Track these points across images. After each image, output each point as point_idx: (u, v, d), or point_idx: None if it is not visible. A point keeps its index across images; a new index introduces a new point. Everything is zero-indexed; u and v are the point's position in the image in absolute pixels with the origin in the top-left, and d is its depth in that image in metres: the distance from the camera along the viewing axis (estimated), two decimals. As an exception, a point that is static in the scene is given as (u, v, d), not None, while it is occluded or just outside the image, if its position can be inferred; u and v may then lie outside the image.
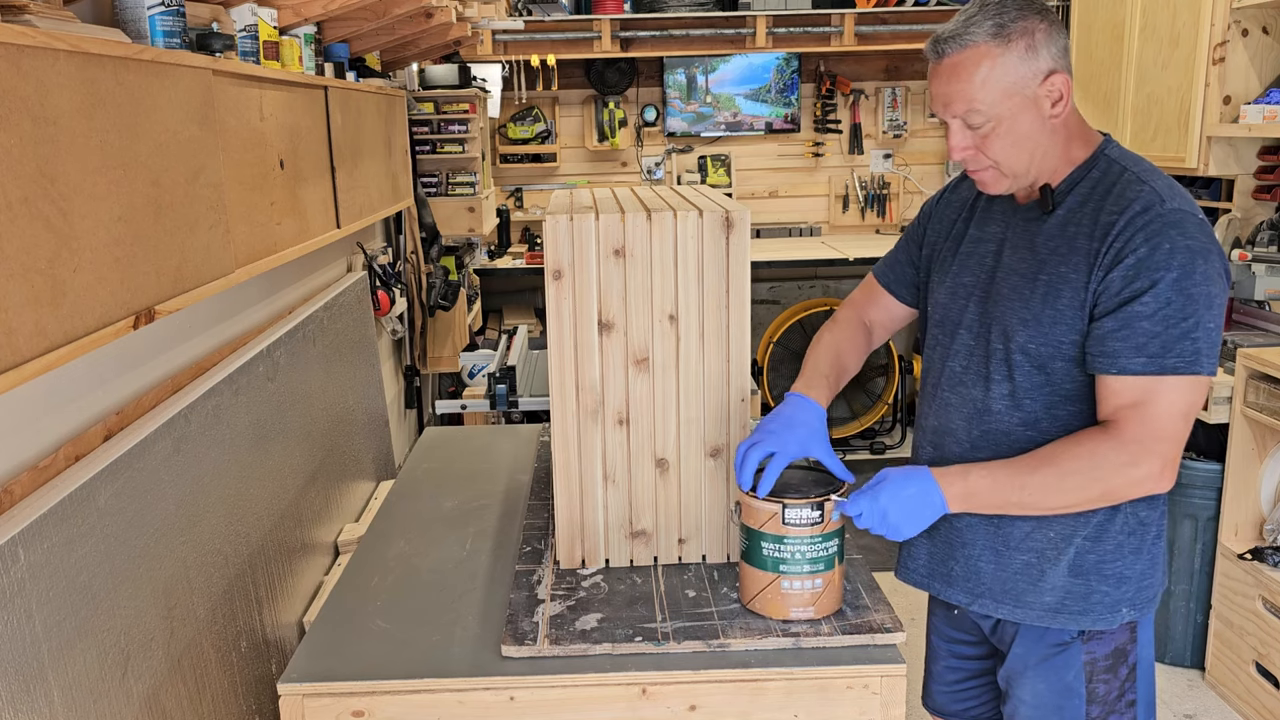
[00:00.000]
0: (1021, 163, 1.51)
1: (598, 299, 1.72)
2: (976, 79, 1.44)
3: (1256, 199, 3.42)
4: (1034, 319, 1.51)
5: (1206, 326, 1.40)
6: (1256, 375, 2.80)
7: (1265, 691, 2.81)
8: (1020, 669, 1.65)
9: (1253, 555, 2.84)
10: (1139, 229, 1.42)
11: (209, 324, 2.13)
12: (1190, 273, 1.39)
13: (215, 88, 1.74)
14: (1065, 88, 1.46)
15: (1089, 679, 1.59)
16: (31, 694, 1.26)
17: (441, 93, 4.07)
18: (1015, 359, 1.54)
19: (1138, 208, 1.43)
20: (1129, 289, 1.41)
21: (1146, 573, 1.58)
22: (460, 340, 4.35)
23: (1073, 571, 1.56)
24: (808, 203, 5.83)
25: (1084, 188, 1.52)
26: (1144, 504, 1.57)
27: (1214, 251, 1.42)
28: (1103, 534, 1.55)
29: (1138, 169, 1.50)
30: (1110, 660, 1.60)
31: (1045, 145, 1.50)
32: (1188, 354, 1.39)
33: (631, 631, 1.60)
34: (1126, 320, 1.41)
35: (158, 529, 1.66)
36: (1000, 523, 1.60)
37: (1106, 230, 1.45)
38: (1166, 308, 1.39)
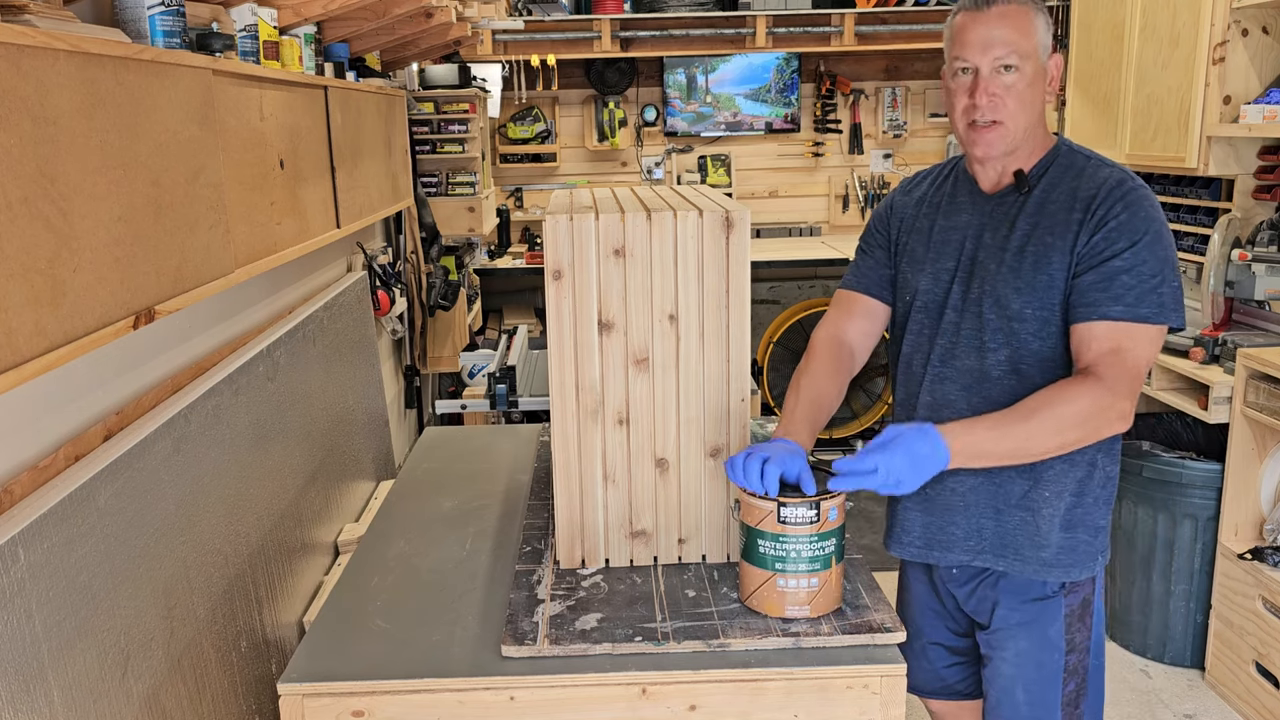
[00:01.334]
0: (1022, 124, 1.66)
1: (598, 299, 1.72)
2: (1021, 28, 1.62)
3: (1256, 199, 3.42)
4: (1028, 286, 1.67)
5: (1171, 284, 1.60)
6: (1256, 375, 2.80)
7: (1265, 691, 2.81)
8: (1004, 630, 1.77)
9: (1253, 555, 2.84)
10: (1118, 199, 1.62)
11: (209, 324, 2.13)
12: (1160, 236, 1.61)
13: (215, 88, 1.74)
14: (1059, 70, 1.69)
15: (1067, 629, 1.74)
16: (31, 694, 1.26)
17: (441, 93, 4.07)
18: (1013, 326, 1.69)
19: (1113, 181, 1.64)
20: (1111, 248, 1.60)
21: (1109, 524, 1.77)
22: (460, 340, 4.35)
23: (1064, 526, 1.72)
24: (808, 203, 5.83)
25: (1054, 172, 1.71)
26: (1110, 460, 1.74)
27: (1167, 227, 1.64)
28: (1085, 490, 1.72)
29: (1097, 158, 1.71)
30: (1080, 609, 1.76)
31: (1037, 116, 1.69)
32: (1155, 305, 1.58)
33: (631, 631, 1.60)
34: (1107, 274, 1.60)
35: (158, 529, 1.66)
36: (1001, 483, 1.74)
37: (1088, 201, 1.63)
38: (1142, 265, 1.59)
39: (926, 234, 1.82)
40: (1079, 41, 4.24)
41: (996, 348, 1.71)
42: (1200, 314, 3.21)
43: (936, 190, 1.85)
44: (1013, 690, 1.77)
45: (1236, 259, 3.05)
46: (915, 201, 1.87)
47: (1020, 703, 1.77)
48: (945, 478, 1.74)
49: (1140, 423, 3.46)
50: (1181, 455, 3.09)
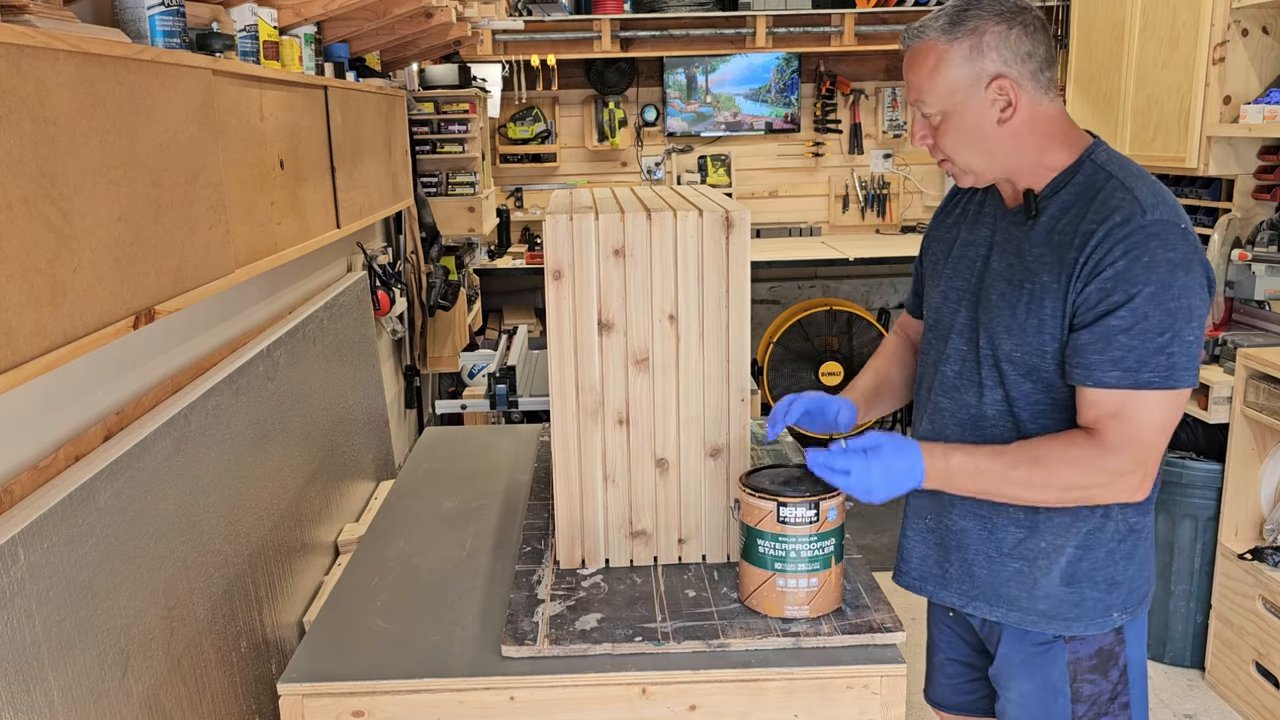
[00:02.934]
0: (976, 160, 1.52)
1: (598, 299, 1.72)
2: (924, 72, 1.49)
3: (1256, 199, 3.42)
4: (1019, 327, 1.52)
5: (1185, 340, 1.40)
6: (1256, 375, 2.80)
7: (1265, 691, 2.81)
8: (1007, 669, 1.67)
9: (1253, 555, 2.84)
10: (1118, 240, 1.40)
11: (209, 324, 2.13)
12: (1169, 286, 1.39)
13: (215, 88, 1.74)
14: (1013, 92, 1.47)
15: (1073, 679, 1.60)
16: (31, 694, 1.26)
17: (441, 93, 4.07)
18: (1004, 367, 1.55)
19: (1118, 218, 1.42)
20: (1105, 302, 1.41)
21: (1137, 576, 1.59)
22: (460, 340, 4.35)
23: (1065, 580, 1.57)
24: (808, 203, 5.83)
25: (1068, 194, 1.50)
26: (1133, 510, 1.57)
27: (1195, 261, 1.41)
28: (1094, 542, 1.56)
29: (1123, 174, 1.48)
30: (1095, 660, 1.60)
31: (1004, 147, 1.51)
32: (1163, 369, 1.40)
33: (631, 631, 1.60)
34: (1103, 334, 1.41)
35: (158, 529, 1.66)
36: (994, 528, 1.61)
37: (1086, 239, 1.44)
38: (1144, 322, 1.39)
39: (949, 246, 1.69)
40: (1079, 41, 4.24)
41: (992, 385, 1.57)
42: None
43: (975, 196, 1.69)
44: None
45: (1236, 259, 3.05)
46: (955, 208, 1.73)
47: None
48: (944, 514, 1.67)
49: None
50: (1181, 455, 3.09)
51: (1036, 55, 1.47)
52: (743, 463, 1.80)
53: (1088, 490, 1.46)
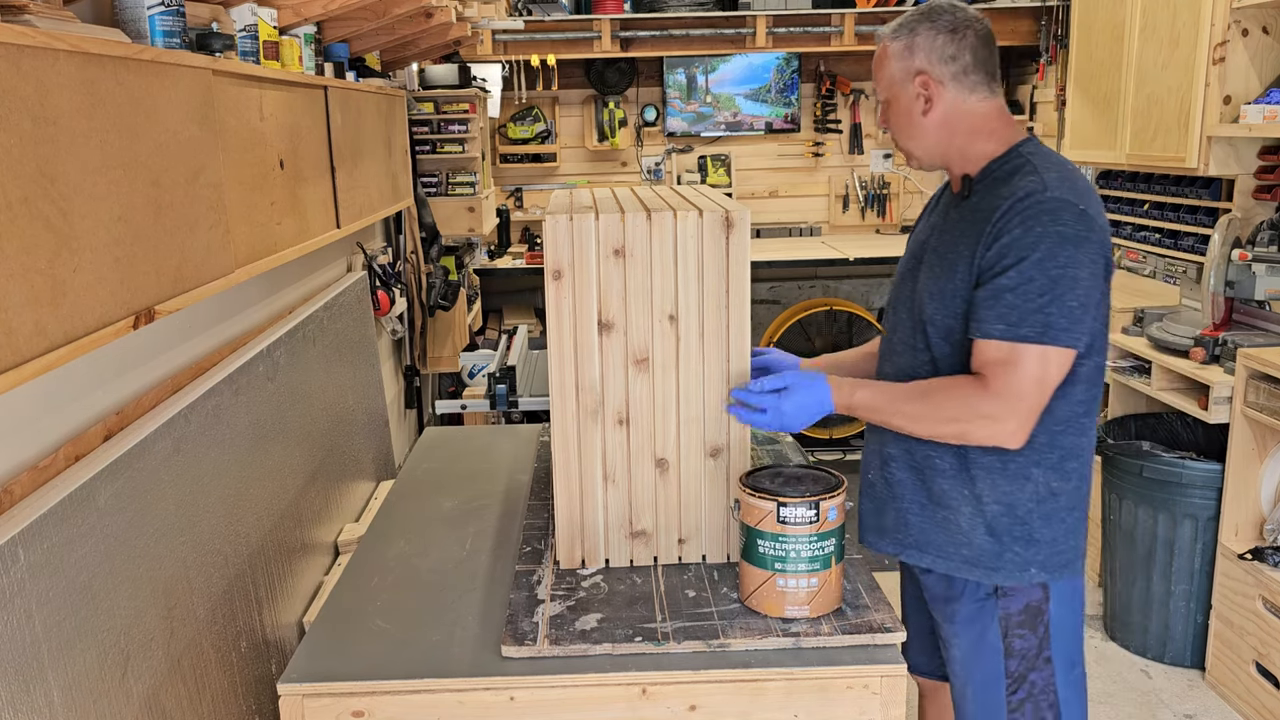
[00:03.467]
0: (912, 144, 1.75)
1: (598, 299, 1.72)
2: (875, 64, 1.77)
3: (1256, 199, 3.42)
4: (939, 292, 1.70)
5: (1065, 304, 1.55)
6: (1256, 375, 2.80)
7: (1265, 691, 2.81)
8: (948, 628, 1.82)
9: (1253, 555, 2.84)
10: (1018, 213, 1.59)
11: (209, 324, 2.13)
12: (1055, 255, 1.56)
13: (215, 88, 1.74)
14: (933, 88, 1.69)
15: (1004, 634, 1.74)
16: (31, 694, 1.26)
17: (441, 93, 4.07)
18: (928, 330, 1.73)
19: (1021, 194, 1.60)
20: (999, 265, 1.59)
21: (1060, 539, 1.72)
22: (460, 340, 4.35)
23: (989, 531, 1.72)
24: (808, 203, 5.82)
25: (992, 178, 1.69)
26: (1056, 475, 1.70)
27: (1088, 239, 1.58)
28: (1015, 501, 1.70)
29: (1039, 162, 1.65)
30: (1024, 616, 1.74)
31: (931, 136, 1.72)
32: (1039, 325, 1.56)
33: (631, 631, 1.60)
34: (994, 291, 1.59)
35: (158, 529, 1.66)
36: (926, 479, 1.76)
37: (992, 212, 1.62)
38: (1028, 284, 1.56)
39: (915, 233, 1.90)
40: (1079, 41, 4.24)
41: (921, 349, 1.75)
42: (1201, 314, 3.21)
43: (941, 194, 1.90)
44: (965, 690, 1.82)
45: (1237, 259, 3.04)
46: (928, 205, 1.94)
47: (969, 701, 1.82)
48: (885, 467, 1.82)
49: (1140, 423, 3.46)
50: (1181, 455, 3.09)
51: (961, 60, 1.68)
52: (743, 463, 1.80)
53: (961, 424, 1.61)
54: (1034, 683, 1.75)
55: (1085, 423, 1.70)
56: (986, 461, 1.69)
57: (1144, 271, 4.24)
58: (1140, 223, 4.19)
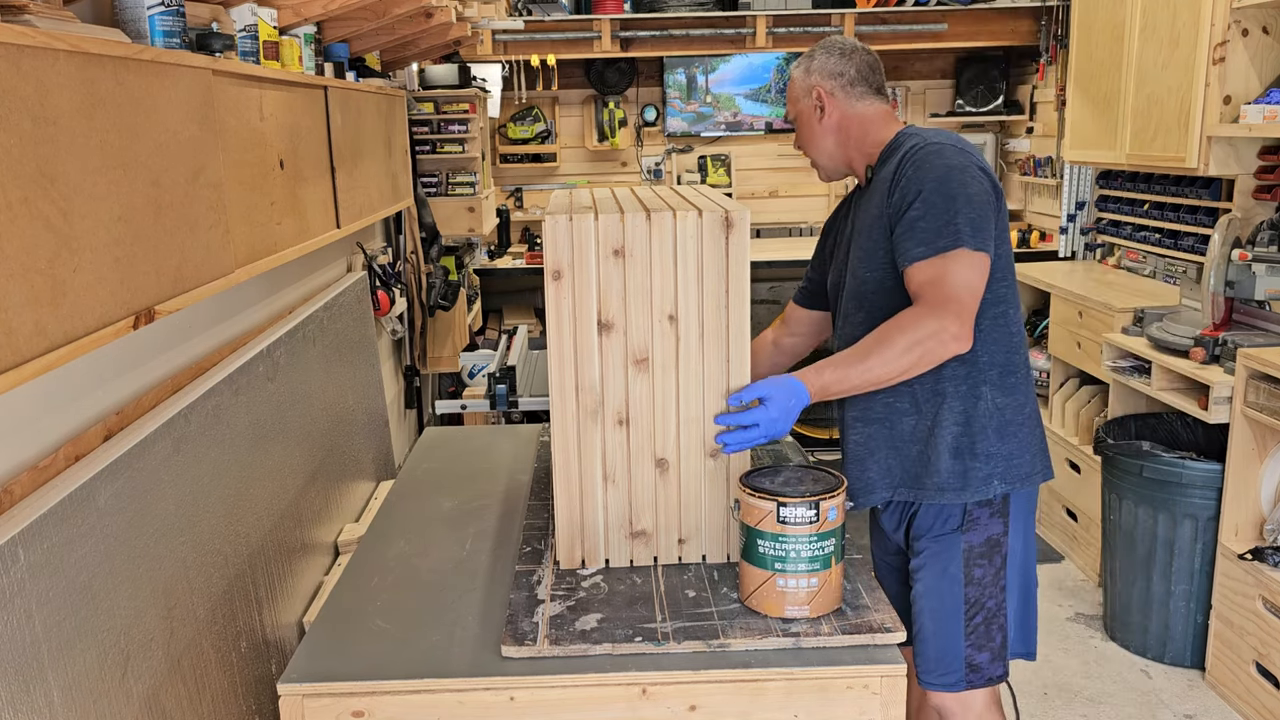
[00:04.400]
0: (816, 153, 2.05)
1: (597, 299, 1.72)
2: (787, 93, 2.09)
3: (1256, 199, 3.42)
4: (866, 255, 1.93)
5: (968, 215, 1.79)
6: (1256, 375, 2.80)
7: (1265, 691, 2.81)
8: (917, 564, 1.98)
9: (1253, 555, 2.84)
10: (908, 163, 1.86)
11: (209, 324, 2.13)
12: (947, 179, 1.81)
13: (215, 88, 1.74)
14: (825, 99, 2.00)
15: (966, 564, 1.92)
16: (31, 694, 1.26)
17: (441, 93, 4.07)
18: (863, 290, 1.94)
19: (907, 150, 1.88)
20: (904, 203, 1.83)
21: (1015, 453, 1.91)
22: (460, 340, 4.35)
23: (953, 454, 1.90)
24: (808, 203, 5.82)
25: (883, 160, 1.96)
26: (998, 391, 1.90)
27: (971, 165, 1.84)
28: (970, 420, 1.90)
29: (917, 132, 1.93)
30: (985, 548, 1.92)
31: (829, 140, 2.02)
32: (950, 236, 1.78)
33: (631, 631, 1.60)
34: (908, 225, 1.82)
35: (158, 529, 1.66)
36: (892, 424, 1.94)
37: (891, 174, 1.88)
38: (931, 209, 1.80)
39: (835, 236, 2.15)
40: (1079, 41, 4.24)
41: (855, 310, 1.98)
42: (1201, 314, 3.21)
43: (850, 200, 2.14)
44: (923, 622, 1.96)
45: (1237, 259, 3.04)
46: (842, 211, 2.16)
47: (929, 633, 1.96)
48: (848, 431, 2.01)
49: (1140, 423, 3.46)
50: (1181, 455, 3.09)
51: (848, 74, 1.99)
52: (743, 463, 1.80)
53: (922, 345, 1.75)
54: (989, 609, 1.93)
55: (1016, 341, 1.93)
56: (941, 388, 1.89)
57: (1144, 271, 4.24)
58: (1140, 223, 4.19)
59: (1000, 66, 5.44)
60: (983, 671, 1.94)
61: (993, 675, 1.95)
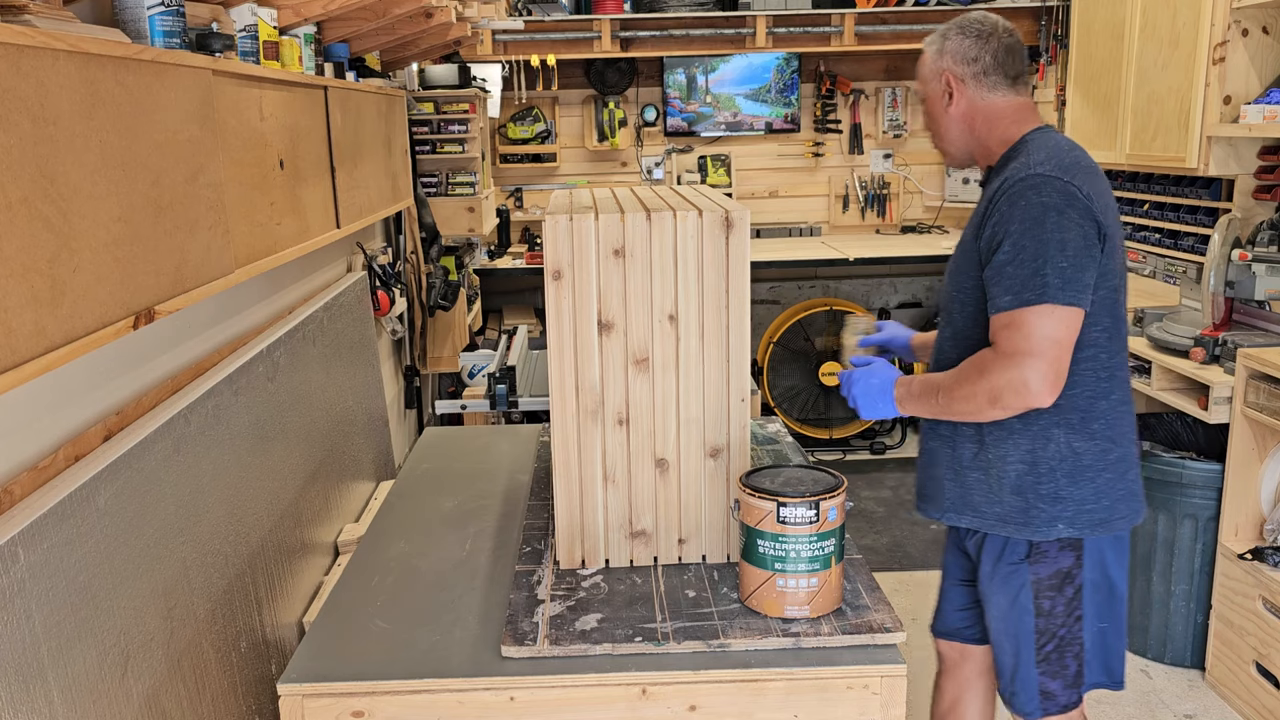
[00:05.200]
0: (940, 140, 1.96)
1: (597, 299, 1.72)
2: (917, 69, 1.98)
3: (1256, 199, 3.42)
4: (956, 269, 1.90)
5: (1057, 265, 1.69)
6: (1256, 375, 2.80)
7: (1265, 691, 2.81)
8: (987, 585, 1.94)
9: (1253, 555, 2.84)
10: (1005, 193, 1.75)
11: (209, 324, 2.13)
12: (1040, 223, 1.70)
13: (215, 88, 1.74)
14: (954, 85, 1.89)
15: (1036, 595, 1.87)
16: (31, 694, 1.26)
17: (441, 93, 4.07)
18: (952, 298, 1.91)
19: (1007, 176, 1.77)
20: (994, 243, 1.75)
21: (1088, 498, 1.83)
22: (460, 340, 4.35)
23: (1015, 490, 1.84)
24: (808, 203, 5.82)
25: (1001, 170, 1.85)
26: (1079, 436, 1.82)
27: (1071, 206, 1.71)
28: (1037, 460, 1.82)
29: (1034, 145, 1.81)
30: (1054, 580, 1.86)
31: (955, 129, 1.92)
32: (1037, 288, 1.69)
33: (631, 631, 1.60)
34: (995, 269, 1.75)
35: (158, 529, 1.66)
36: (955, 447, 1.91)
37: (993, 195, 1.79)
38: (1020, 253, 1.71)
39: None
40: (1079, 41, 4.24)
41: (944, 325, 1.96)
42: (1201, 314, 3.21)
43: None
44: (1001, 642, 1.96)
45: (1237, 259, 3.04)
46: None
47: (1006, 653, 1.95)
48: (922, 439, 2.00)
49: (1140, 423, 3.45)
50: (1182, 455, 3.09)
51: (981, 61, 1.87)
52: (743, 463, 1.80)
53: (998, 392, 1.71)
54: (1061, 637, 1.89)
55: (1105, 386, 1.82)
56: (1008, 423, 1.82)
57: (1144, 271, 4.24)
58: (1140, 223, 4.19)
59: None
60: (1056, 699, 1.91)
61: (1067, 703, 1.92)
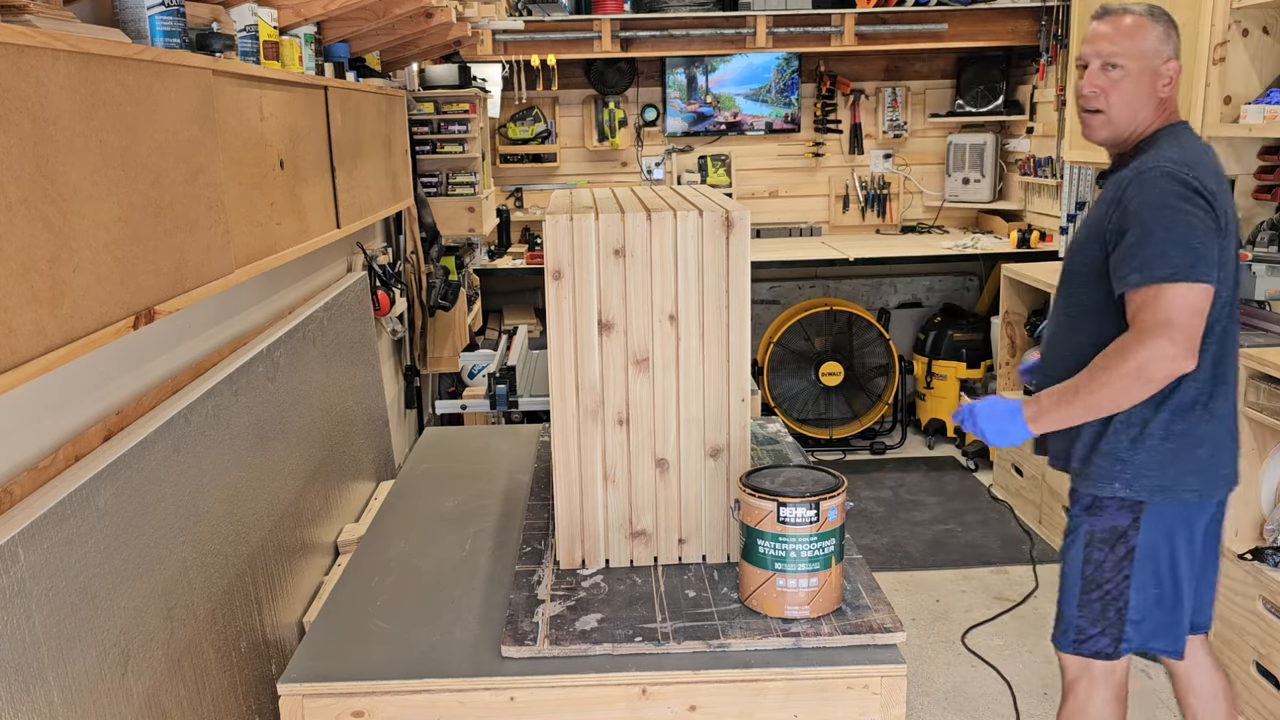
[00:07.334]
0: (1125, 114, 1.98)
1: (598, 299, 1.72)
2: (1128, 34, 1.96)
3: (1257, 199, 3.42)
4: (1077, 246, 2.03)
5: (1189, 245, 1.80)
6: (1256, 375, 2.80)
7: (1265, 691, 2.81)
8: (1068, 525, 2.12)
9: (1253, 555, 2.84)
10: (1134, 181, 1.88)
11: (209, 324, 2.13)
12: (1170, 207, 1.82)
13: (215, 88, 1.74)
14: (1176, 74, 1.98)
15: (1087, 544, 2.04)
16: (31, 694, 1.26)
17: (441, 93, 4.07)
18: (1066, 280, 2.05)
19: (1140, 167, 1.90)
20: (1123, 225, 1.87)
21: (1148, 465, 1.96)
22: (460, 340, 4.35)
23: (1087, 445, 2.02)
24: (808, 203, 5.82)
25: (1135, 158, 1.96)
26: (1147, 408, 1.94)
27: (1194, 196, 1.84)
28: (1107, 422, 1.98)
29: (1166, 141, 1.95)
30: (1107, 534, 2.02)
31: (1145, 110, 1.97)
32: (1168, 266, 1.80)
33: (631, 631, 1.60)
34: (1125, 249, 1.86)
35: (158, 529, 1.66)
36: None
37: (1126, 181, 1.90)
38: (1150, 235, 1.83)
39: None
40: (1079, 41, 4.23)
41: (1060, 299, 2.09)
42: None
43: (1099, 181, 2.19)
44: (1060, 582, 2.12)
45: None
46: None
47: (1061, 591, 2.12)
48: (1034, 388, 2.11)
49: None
50: (1181, 455, 3.08)
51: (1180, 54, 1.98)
52: (743, 463, 1.80)
53: (1144, 365, 1.80)
54: (1107, 591, 2.03)
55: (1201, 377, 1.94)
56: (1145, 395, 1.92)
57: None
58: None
59: (1000, 66, 5.44)
60: (1088, 643, 2.06)
61: (1099, 650, 2.06)
